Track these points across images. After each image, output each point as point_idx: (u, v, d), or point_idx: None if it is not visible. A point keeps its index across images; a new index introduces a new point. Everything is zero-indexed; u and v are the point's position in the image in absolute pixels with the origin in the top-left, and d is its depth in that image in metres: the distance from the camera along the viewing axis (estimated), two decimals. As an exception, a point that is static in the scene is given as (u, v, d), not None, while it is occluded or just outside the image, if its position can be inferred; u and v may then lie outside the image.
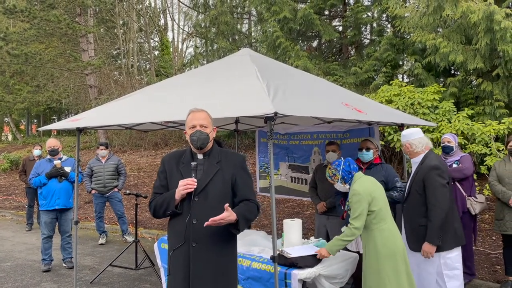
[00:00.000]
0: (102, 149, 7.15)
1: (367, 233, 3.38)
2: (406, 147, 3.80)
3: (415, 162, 3.76)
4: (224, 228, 2.58)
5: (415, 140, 3.73)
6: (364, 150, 4.36)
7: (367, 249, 3.37)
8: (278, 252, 3.35)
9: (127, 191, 5.95)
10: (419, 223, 3.61)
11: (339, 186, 3.55)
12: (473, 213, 4.61)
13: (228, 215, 2.44)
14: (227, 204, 2.46)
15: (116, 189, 7.12)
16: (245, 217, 2.55)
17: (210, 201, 2.58)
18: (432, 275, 3.61)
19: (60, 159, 5.81)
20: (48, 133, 26.26)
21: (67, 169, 5.76)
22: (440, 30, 8.67)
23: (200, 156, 2.68)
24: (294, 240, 3.82)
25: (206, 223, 2.45)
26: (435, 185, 3.51)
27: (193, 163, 2.59)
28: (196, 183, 2.54)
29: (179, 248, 2.60)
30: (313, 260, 3.40)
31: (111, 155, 7.28)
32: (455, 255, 3.63)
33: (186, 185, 2.51)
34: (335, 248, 3.36)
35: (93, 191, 7.06)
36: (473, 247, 4.89)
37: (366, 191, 3.30)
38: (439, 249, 3.54)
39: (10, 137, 31.78)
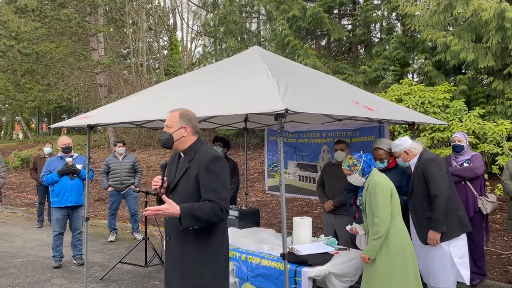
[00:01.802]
0: (119, 146, 7.21)
1: None
2: (406, 154, 3.97)
3: (413, 163, 3.97)
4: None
5: (411, 145, 3.97)
6: (377, 161, 4.26)
7: None
8: (288, 250, 3.34)
9: (137, 189, 5.99)
10: (426, 216, 3.75)
11: (355, 179, 3.47)
12: (485, 213, 4.56)
13: (167, 207, 2.43)
14: (164, 196, 2.50)
15: (132, 186, 7.16)
16: (191, 214, 2.45)
17: (178, 199, 2.62)
18: (446, 265, 3.69)
19: (71, 156, 5.86)
20: (58, 132, 26.50)
21: (78, 166, 5.81)
22: (451, 28, 8.59)
23: (182, 155, 2.78)
24: (304, 238, 3.81)
25: (144, 212, 2.49)
26: (434, 176, 3.70)
27: (162, 162, 2.76)
28: (160, 182, 2.69)
29: (165, 241, 2.81)
30: (323, 258, 3.40)
31: (128, 154, 7.34)
32: (462, 243, 3.78)
33: (153, 182, 2.72)
34: (371, 250, 3.28)
35: (109, 188, 7.11)
36: (484, 248, 4.84)
37: (388, 183, 3.33)
38: (446, 237, 3.68)
39: (21, 136, 32.16)
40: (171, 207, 2.43)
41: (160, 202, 2.76)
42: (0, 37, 14.80)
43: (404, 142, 3.99)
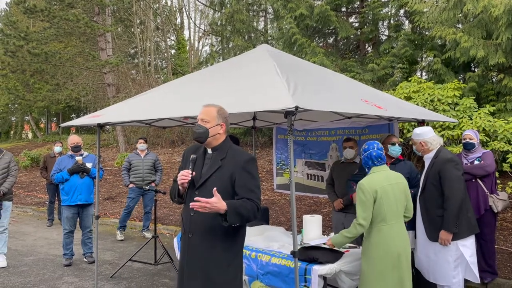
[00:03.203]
0: (141, 143, 7.24)
1: (367, 230, 3.27)
2: (421, 145, 3.90)
3: (428, 157, 3.90)
4: (220, 222, 2.58)
5: (430, 138, 3.88)
6: (397, 144, 4.31)
7: (363, 245, 3.30)
8: (298, 247, 3.34)
9: (146, 187, 6.01)
10: (437, 214, 3.72)
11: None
12: (495, 211, 4.52)
13: (216, 201, 2.38)
14: (215, 189, 2.43)
15: (153, 184, 7.18)
16: (236, 210, 2.44)
17: (207, 196, 2.57)
18: (450, 264, 3.66)
19: (81, 155, 5.91)
20: (67, 131, 26.72)
21: (88, 165, 5.85)
22: (460, 25, 8.53)
23: (210, 151, 2.76)
24: (314, 236, 3.80)
25: (191, 205, 2.40)
26: (450, 176, 3.65)
27: (192, 156, 2.69)
28: (190, 175, 2.62)
29: (183, 238, 2.75)
30: (334, 255, 3.39)
31: (149, 151, 7.37)
32: (470, 243, 3.75)
33: (181, 176, 2.60)
34: (339, 242, 3.31)
35: (131, 185, 7.14)
36: (495, 246, 4.80)
37: (372, 187, 3.18)
38: (456, 237, 3.65)
39: (30, 135, 32.46)
40: (219, 202, 2.39)
41: (179, 196, 2.75)
42: (10, 37, 14.96)
43: (424, 133, 3.87)
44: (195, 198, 2.41)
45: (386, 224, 3.19)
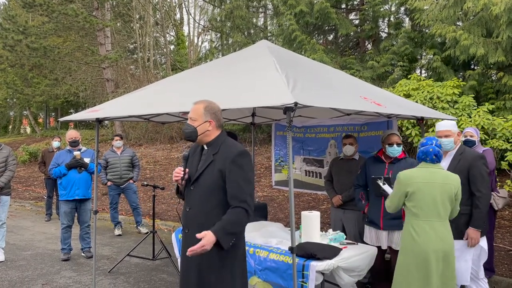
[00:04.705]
0: (117, 140, 7.22)
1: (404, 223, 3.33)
2: (458, 136, 3.83)
3: (451, 153, 3.80)
4: (215, 217, 2.56)
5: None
6: (395, 145, 4.22)
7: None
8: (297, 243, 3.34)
9: (145, 183, 6.00)
10: (461, 211, 3.58)
11: None
12: (496, 208, 4.53)
13: (207, 239, 2.37)
14: (201, 234, 2.40)
15: (131, 181, 7.19)
16: (225, 231, 2.44)
17: (201, 191, 2.63)
18: (468, 263, 3.63)
19: (79, 150, 5.89)
20: (66, 126, 26.67)
21: (86, 160, 5.84)
22: (460, 23, 8.52)
23: (205, 147, 2.77)
24: (312, 232, 3.80)
25: (188, 253, 2.37)
26: (483, 174, 3.59)
27: (184, 153, 2.77)
28: (182, 172, 2.68)
29: (182, 233, 2.79)
30: (332, 252, 3.39)
31: (126, 148, 7.34)
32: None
33: (174, 173, 2.70)
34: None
35: (109, 183, 7.14)
36: (493, 244, 4.81)
37: (406, 181, 3.20)
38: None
39: (28, 130, 32.38)
40: (207, 237, 2.38)
41: (179, 193, 2.82)
42: (8, 31, 14.91)
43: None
44: (189, 249, 2.37)
45: (418, 219, 3.16)
